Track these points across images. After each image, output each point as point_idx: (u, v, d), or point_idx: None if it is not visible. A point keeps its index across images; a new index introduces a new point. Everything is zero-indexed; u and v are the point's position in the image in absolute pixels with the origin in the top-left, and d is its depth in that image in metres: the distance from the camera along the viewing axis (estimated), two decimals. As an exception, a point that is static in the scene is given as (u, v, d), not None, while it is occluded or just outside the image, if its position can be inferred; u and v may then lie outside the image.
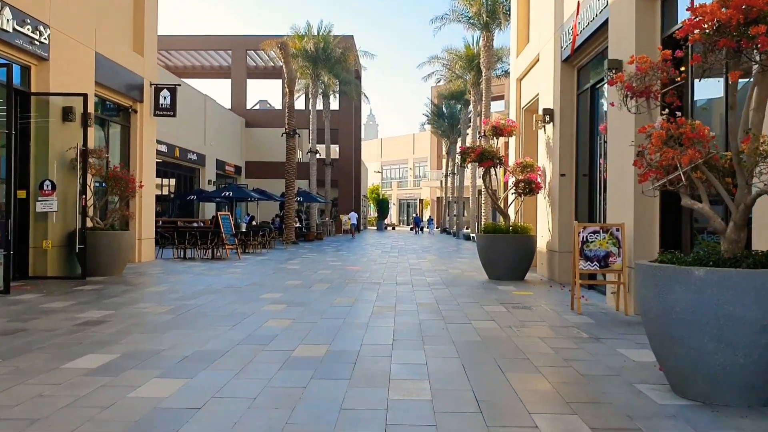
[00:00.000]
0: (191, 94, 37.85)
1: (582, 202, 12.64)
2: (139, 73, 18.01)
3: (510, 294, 11.09)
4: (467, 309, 9.23)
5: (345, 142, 51.61)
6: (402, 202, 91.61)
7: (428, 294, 11.10)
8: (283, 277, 14.00)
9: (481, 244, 13.84)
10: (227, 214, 21.80)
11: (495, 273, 13.54)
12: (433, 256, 22.88)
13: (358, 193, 56.86)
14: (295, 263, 18.26)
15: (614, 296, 9.47)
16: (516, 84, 17.70)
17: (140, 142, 18.15)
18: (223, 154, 43.40)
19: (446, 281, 13.37)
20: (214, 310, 9.13)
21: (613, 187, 9.70)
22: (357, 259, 20.74)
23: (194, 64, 54.79)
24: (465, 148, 14.34)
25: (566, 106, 12.94)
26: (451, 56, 39.19)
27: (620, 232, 8.94)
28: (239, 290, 11.53)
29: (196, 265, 17.25)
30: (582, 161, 12.68)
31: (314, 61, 38.98)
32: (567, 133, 12.92)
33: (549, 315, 8.75)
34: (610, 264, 8.95)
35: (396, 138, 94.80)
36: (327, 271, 15.55)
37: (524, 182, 13.67)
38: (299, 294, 10.99)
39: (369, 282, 13.09)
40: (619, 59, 9.35)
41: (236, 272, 15.13)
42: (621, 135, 9.32)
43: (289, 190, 30.66)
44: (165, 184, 36.50)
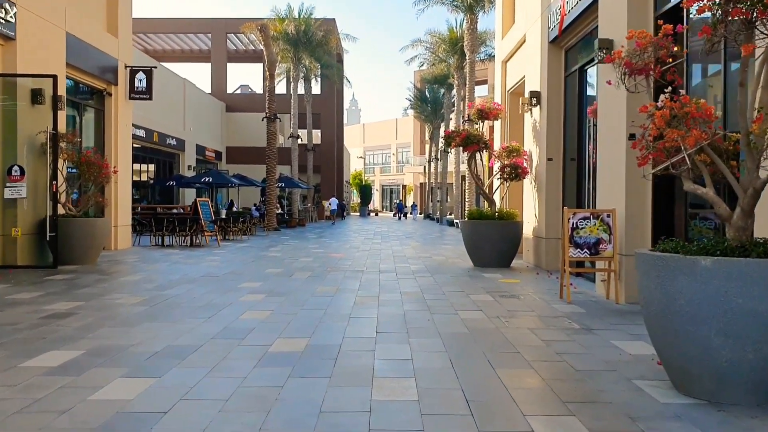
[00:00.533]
0: (169, 77, 37.10)
1: (570, 187, 12.35)
2: (114, 55, 17.43)
3: (496, 282, 10.79)
4: (453, 298, 8.91)
5: (327, 127, 51.00)
6: (385, 187, 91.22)
7: (412, 282, 10.77)
8: (263, 265, 13.60)
9: (466, 230, 13.52)
10: (206, 201, 21.32)
11: (480, 260, 13.24)
12: (417, 242, 22.57)
13: (340, 178, 56.38)
14: (276, 250, 17.85)
15: (604, 284, 9.19)
16: (501, 66, 17.34)
17: (115, 127, 17.60)
18: (203, 139, 42.69)
19: (431, 269, 13.04)
20: (189, 300, 8.73)
21: (603, 171, 9.40)
22: (340, 246, 20.38)
23: (173, 47, 53.78)
24: (450, 132, 13.97)
25: (554, 89, 12.61)
26: (435, 39, 38.68)
27: (611, 218, 8.64)
28: (217, 279, 11.13)
29: (174, 252, 16.79)
30: (570, 145, 12.37)
31: (295, 44, 38.31)
32: (554, 116, 12.60)
33: (538, 304, 8.45)
34: (600, 251, 8.65)
35: (379, 123, 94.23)
36: (308, 259, 15.17)
37: (510, 167, 13.35)
38: (279, 283, 10.62)
39: (352, 270, 12.74)
40: (610, 39, 9.01)
41: (215, 260, 14.71)
42: (612, 117, 9.01)
43: (270, 176, 30.15)
44: (144, 169, 35.83)
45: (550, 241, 12.57)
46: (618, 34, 8.82)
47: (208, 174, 30.35)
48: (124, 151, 18.16)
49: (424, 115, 55.46)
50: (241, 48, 52.55)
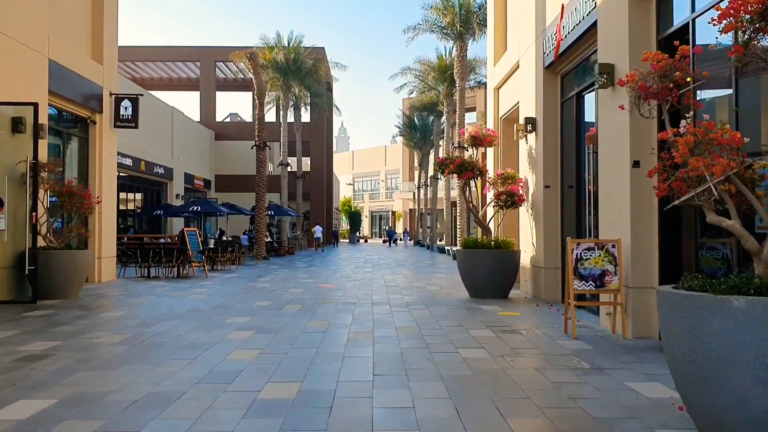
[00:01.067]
0: (157, 105, 36.77)
1: (568, 215, 12.01)
2: (98, 82, 17.06)
3: (495, 315, 10.37)
4: (452, 334, 8.48)
5: (316, 154, 50.76)
6: (374, 214, 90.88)
7: (407, 316, 10.33)
8: (252, 298, 13.13)
9: (461, 259, 13.13)
10: (194, 230, 20.85)
11: (477, 291, 12.83)
12: (409, 270, 22.13)
13: (330, 205, 56.01)
14: (265, 281, 17.37)
15: (609, 317, 8.80)
16: (493, 93, 17.10)
17: (100, 155, 17.16)
18: (192, 167, 42.27)
19: (425, 300, 12.62)
20: (173, 339, 8.25)
21: (605, 199, 9.06)
22: (330, 275, 19.91)
23: (162, 76, 53.56)
24: (443, 158, 13.65)
25: (550, 115, 12.33)
26: (424, 67, 38.62)
27: (616, 249, 8.28)
28: (203, 314, 10.65)
29: (159, 284, 16.28)
30: (567, 172, 12.05)
31: (285, 72, 38.15)
32: (551, 142, 12.30)
33: (542, 340, 8.03)
34: (606, 283, 8.27)
35: (368, 150, 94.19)
36: (298, 290, 14.70)
37: (506, 195, 13.01)
38: (269, 317, 10.15)
39: (343, 302, 12.29)
40: (611, 63, 8.73)
41: (202, 292, 14.22)
42: (614, 144, 8.69)
43: (260, 204, 29.71)
44: (131, 198, 35.32)
45: (549, 271, 12.19)
46: (619, 59, 8.54)
47: (197, 203, 29.84)
48: (109, 180, 17.71)
49: (413, 142, 55.35)
50: (230, 76, 52.41)
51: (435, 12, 29.86)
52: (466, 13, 29.42)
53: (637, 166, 8.19)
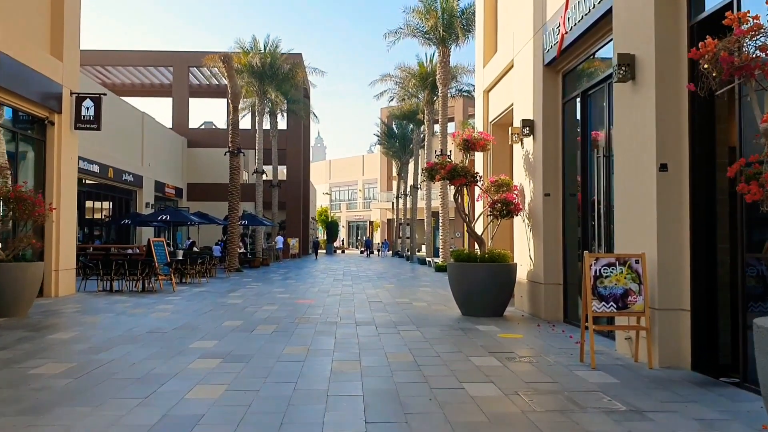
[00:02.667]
0: (126, 110, 35.30)
1: (571, 226, 10.96)
2: (57, 80, 15.72)
3: (495, 338, 9.24)
4: (452, 363, 7.33)
5: (293, 162, 49.37)
6: (351, 224, 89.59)
7: (397, 339, 9.16)
8: (221, 316, 11.87)
9: (453, 274, 12.01)
10: (161, 241, 19.50)
11: (470, 308, 11.72)
12: (391, 284, 20.96)
13: (306, 215, 54.61)
14: (237, 296, 16.08)
15: (629, 343, 7.72)
16: (483, 96, 16.06)
17: (58, 159, 15.79)
18: (163, 175, 40.76)
19: (414, 319, 11.46)
20: (125, 369, 7.00)
21: (624, 208, 7.99)
22: (307, 289, 18.66)
23: (134, 81, 51.93)
24: (433, 163, 12.54)
25: (550, 117, 11.29)
26: (404, 74, 37.55)
27: (640, 265, 7.20)
28: (165, 337, 9.38)
29: (121, 300, 14.93)
30: (570, 179, 11.01)
31: (260, 77, 36.85)
32: (551, 146, 11.26)
33: (558, 371, 6.91)
34: (628, 304, 7.18)
35: (345, 159, 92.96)
36: (273, 307, 13.46)
37: (501, 203, 11.93)
38: (239, 341, 8.92)
39: (324, 322, 11.08)
40: (631, 53, 7.69)
41: (167, 310, 12.92)
42: (635, 145, 7.64)
43: (233, 213, 28.36)
44: (98, 207, 33.77)
45: (549, 288, 11.11)
46: (642, 48, 7.51)
47: (166, 212, 28.39)
48: (69, 186, 16.32)
49: (391, 151, 54.27)
50: (204, 83, 50.96)
51: (417, 16, 28.84)
52: (449, 18, 28.44)
53: (665, 170, 7.15)
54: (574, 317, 10.67)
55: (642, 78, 7.51)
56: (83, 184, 30.22)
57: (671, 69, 7.20)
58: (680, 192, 7.11)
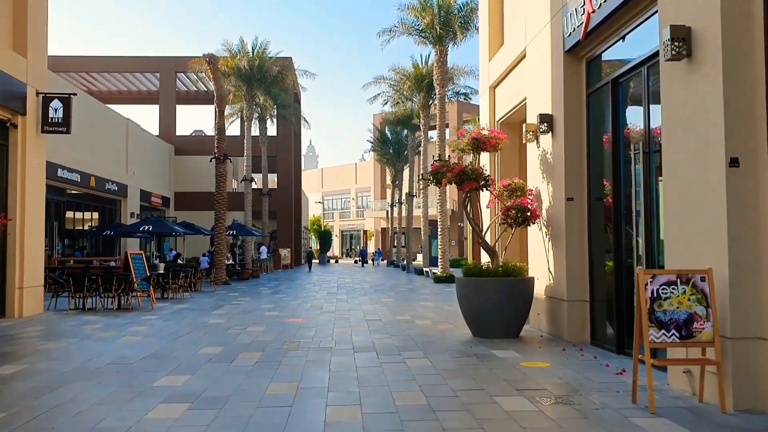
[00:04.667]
0: (109, 116, 33.85)
1: (598, 235, 9.56)
2: (21, 79, 14.28)
3: (518, 368, 7.82)
4: (476, 408, 5.90)
5: (284, 170, 47.83)
6: (345, 233, 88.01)
7: (403, 371, 7.73)
8: (199, 341, 10.41)
9: (463, 290, 10.58)
10: (140, 253, 18.02)
11: (482, 328, 10.30)
12: (389, 297, 19.50)
13: (298, 224, 53.05)
14: (220, 314, 14.60)
15: (688, 377, 6.32)
16: (489, 94, 14.69)
17: (22, 165, 14.31)
18: (149, 184, 39.25)
19: (419, 342, 10.03)
20: (66, 422, 5.56)
21: (678, 212, 6.60)
22: (298, 305, 17.18)
23: (120, 88, 50.42)
24: (438, 165, 11.12)
25: (572, 110, 9.91)
26: (399, 76, 36.08)
27: (707, 283, 5.81)
28: (128, 370, 7.92)
29: (92, 320, 13.44)
30: (596, 181, 9.63)
31: (249, 80, 35.36)
32: (574, 144, 9.87)
33: (611, 419, 5.49)
34: (694, 332, 5.78)
35: (337, 167, 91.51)
36: (259, 328, 12.00)
37: (515, 209, 10.53)
38: (215, 376, 7.47)
39: (316, 347, 9.63)
40: (686, 26, 6.32)
41: (139, 333, 11.45)
42: (694, 135, 6.27)
43: (219, 223, 26.86)
44: (81, 218, 32.18)
45: (574, 305, 9.71)
46: (703, 18, 6.14)
47: (148, 222, 26.87)
48: (35, 195, 14.83)
49: (386, 158, 52.83)
50: (192, 89, 49.52)
51: (412, 13, 27.42)
52: (446, 15, 27.05)
53: (736, 165, 5.77)
54: (603, 339, 9.28)
55: (702, 54, 6.14)
56: (64, 194, 28.74)
57: (742, 41, 5.85)
58: (757, 191, 5.74)
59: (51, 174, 25.18)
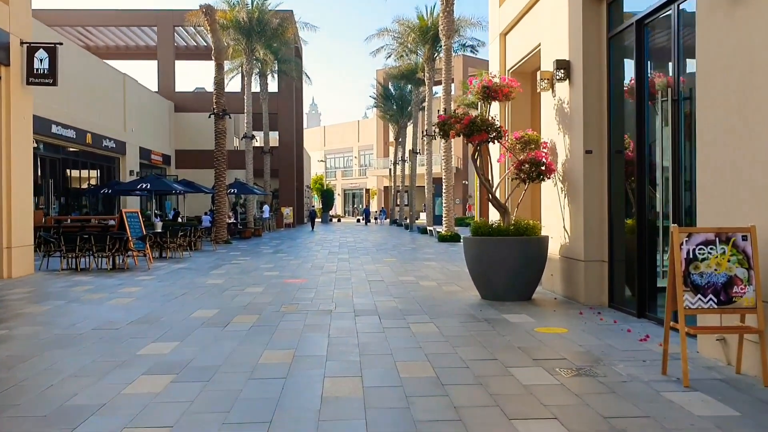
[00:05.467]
0: (105, 71, 32.97)
1: (618, 190, 8.90)
2: (3, 27, 13.49)
3: (533, 334, 7.25)
4: (489, 381, 5.32)
5: (285, 128, 46.93)
6: (347, 192, 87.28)
7: (408, 337, 7.16)
8: (193, 303, 9.87)
9: (471, 251, 9.97)
10: (135, 212, 17.45)
11: (491, 291, 9.72)
12: (392, 257, 18.94)
13: (300, 183, 52.37)
14: (219, 274, 14.07)
15: (721, 345, 5.74)
16: (499, 41, 13.86)
17: (7, 119, 13.62)
18: (148, 141, 38.51)
19: (424, 305, 9.46)
20: (37, 395, 5.02)
21: (716, 165, 5.92)
22: (299, 264, 16.64)
23: (117, 43, 49.30)
24: (445, 116, 10.39)
25: (592, 55, 9.15)
26: (403, 28, 34.92)
27: (749, 242, 5.18)
28: (114, 336, 7.38)
29: (84, 281, 12.92)
30: (617, 132, 8.92)
31: (248, 33, 34.28)
32: (593, 92, 9.13)
33: (641, 393, 4.91)
34: (733, 297, 5.17)
35: (340, 125, 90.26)
36: (258, 289, 11.45)
37: (529, 163, 9.84)
38: (205, 343, 6.91)
39: (315, 310, 9.08)
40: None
41: (131, 294, 10.92)
42: (739, 74, 5.56)
43: (219, 181, 26.20)
44: (76, 176, 31.52)
45: (591, 265, 9.10)
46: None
47: (146, 179, 26.22)
48: (22, 151, 14.17)
49: (389, 114, 51.76)
50: (191, 44, 48.35)
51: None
52: (452, -39, 25.93)
53: (788, 110, 5.08)
54: (622, 302, 8.70)
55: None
56: (59, 151, 28.07)
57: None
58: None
59: (45, 130, 24.56)
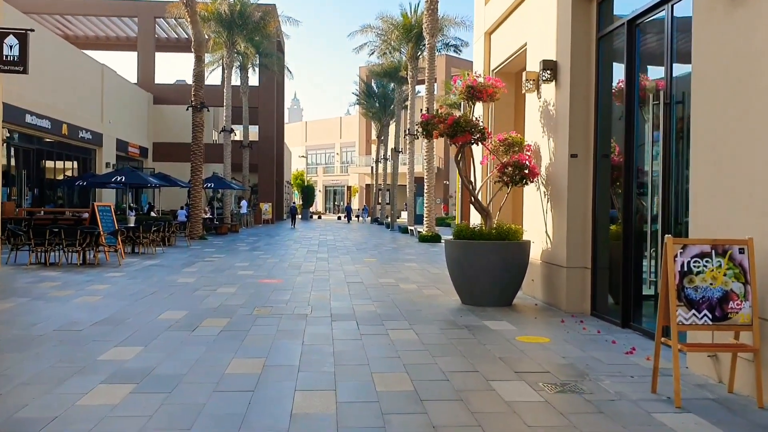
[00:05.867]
0: (83, 60, 32.25)
1: (603, 196, 8.66)
2: (-30, 11, 12.98)
3: (514, 343, 6.96)
4: (470, 396, 5.02)
5: (266, 122, 46.29)
6: (328, 189, 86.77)
7: (386, 345, 6.84)
8: (162, 303, 9.48)
9: (453, 254, 9.68)
10: (108, 205, 16.93)
11: (472, 296, 9.44)
12: (372, 257, 18.62)
13: (280, 178, 51.80)
14: (191, 272, 13.66)
15: (712, 361, 5.50)
16: (483, 40, 13.59)
17: (-26, 107, 13.13)
18: (126, 133, 37.76)
19: (404, 310, 9.15)
20: (-21, 408, 4.63)
21: (712, 172, 5.68)
22: (276, 263, 16.25)
23: (97, 33, 48.38)
24: (429, 116, 10.06)
25: (580, 56, 8.89)
26: (387, 25, 34.54)
27: (746, 255, 4.93)
28: (74, 338, 6.98)
29: (51, 276, 12.46)
30: (604, 136, 8.67)
31: (229, 26, 33.72)
32: (581, 94, 8.88)
33: (630, 414, 4.64)
34: (729, 313, 4.92)
35: (322, 121, 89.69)
36: (230, 289, 11.07)
37: (513, 166, 9.56)
38: (171, 348, 6.55)
39: (290, 314, 8.73)
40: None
41: (99, 292, 10.50)
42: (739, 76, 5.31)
43: (196, 175, 25.67)
44: (51, 167, 30.80)
45: (574, 272, 8.85)
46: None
47: (121, 172, 25.63)
48: (-11, 140, 13.67)
49: (371, 112, 51.38)
50: (172, 36, 47.58)
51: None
52: (437, -41, 25.62)
53: (789, 117, 4.83)
54: (605, 310, 8.46)
55: (751, -18, 5.14)
56: (33, 141, 27.37)
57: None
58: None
59: (18, 120, 23.91)
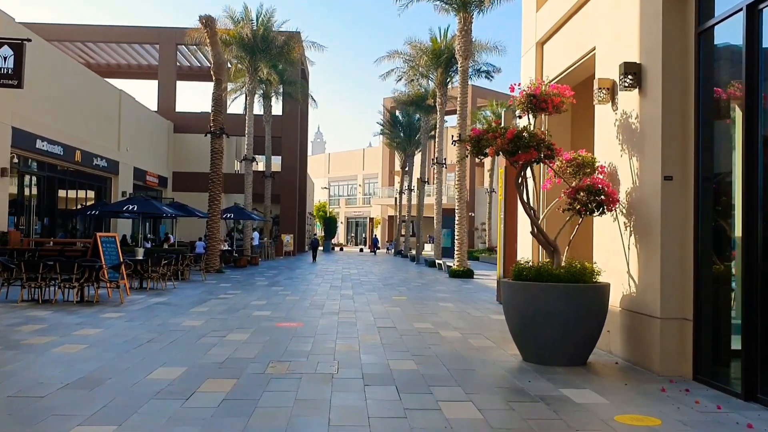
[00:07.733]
0: (100, 85, 31.22)
1: (707, 229, 6.85)
2: (-40, 18, 11.61)
3: (614, 425, 5.13)
4: None
5: (288, 152, 44.98)
6: (350, 220, 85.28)
7: (441, 429, 5.05)
8: (157, 355, 7.77)
9: (512, 300, 7.89)
10: (113, 236, 15.38)
11: (538, 351, 7.62)
12: (401, 295, 16.81)
13: (303, 209, 50.33)
14: (200, 312, 11.97)
15: None
16: (535, 51, 11.96)
17: (-39, 125, 11.70)
18: (144, 162, 36.58)
19: (453, 368, 7.35)
20: None
21: None
22: (296, 302, 14.51)
23: (119, 61, 47.77)
24: (481, 130, 8.33)
25: (674, 56, 7.18)
26: (415, 50, 33.08)
27: None
28: (30, 410, 5.29)
29: (38, 317, 10.84)
30: (707, 154, 6.90)
31: (252, 51, 32.51)
32: (675, 102, 7.15)
33: None
34: None
35: (345, 153, 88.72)
36: (242, 336, 9.35)
37: (587, 191, 7.80)
38: (152, 428, 4.81)
39: (311, 374, 6.96)
40: None
41: (86, 339, 8.83)
42: None
43: (214, 204, 24.17)
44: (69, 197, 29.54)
45: (669, 324, 7.01)
46: None
47: (133, 200, 24.17)
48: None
49: (395, 141, 49.91)
50: (195, 64, 46.77)
51: (434, -26, 24.60)
52: (472, -24, 24.22)
53: None
54: (714, 375, 6.60)
55: None
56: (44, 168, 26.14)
57: None
58: None
59: (29, 145, 22.71)
